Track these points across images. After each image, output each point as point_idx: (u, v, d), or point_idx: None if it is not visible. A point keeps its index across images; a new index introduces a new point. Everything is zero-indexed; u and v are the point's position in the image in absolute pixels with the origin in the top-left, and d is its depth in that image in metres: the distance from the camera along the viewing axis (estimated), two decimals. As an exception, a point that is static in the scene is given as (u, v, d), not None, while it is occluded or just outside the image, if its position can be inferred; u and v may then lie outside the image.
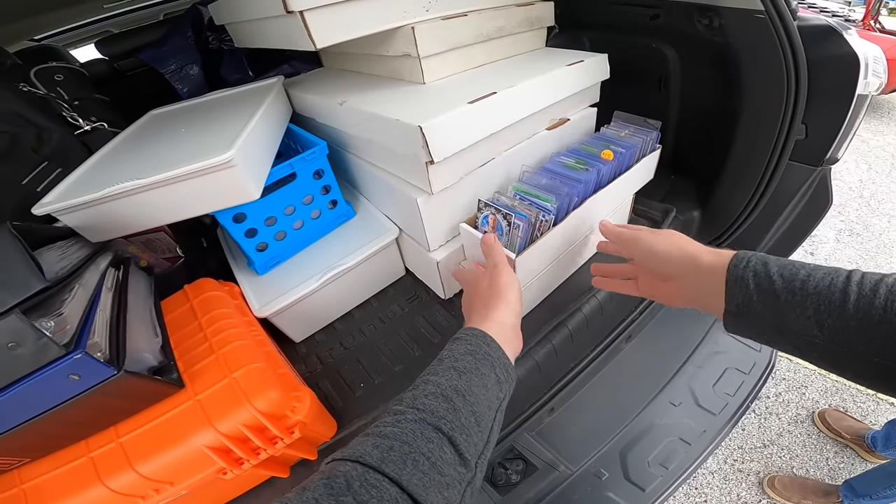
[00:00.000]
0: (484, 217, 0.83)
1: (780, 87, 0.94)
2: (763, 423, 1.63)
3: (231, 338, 0.71)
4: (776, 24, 0.88)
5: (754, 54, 0.96)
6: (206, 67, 1.38)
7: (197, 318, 0.76)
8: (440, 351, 0.49)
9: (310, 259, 0.97)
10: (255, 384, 0.63)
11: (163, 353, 0.67)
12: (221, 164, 0.71)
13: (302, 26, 0.74)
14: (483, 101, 0.76)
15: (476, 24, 0.92)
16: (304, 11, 0.73)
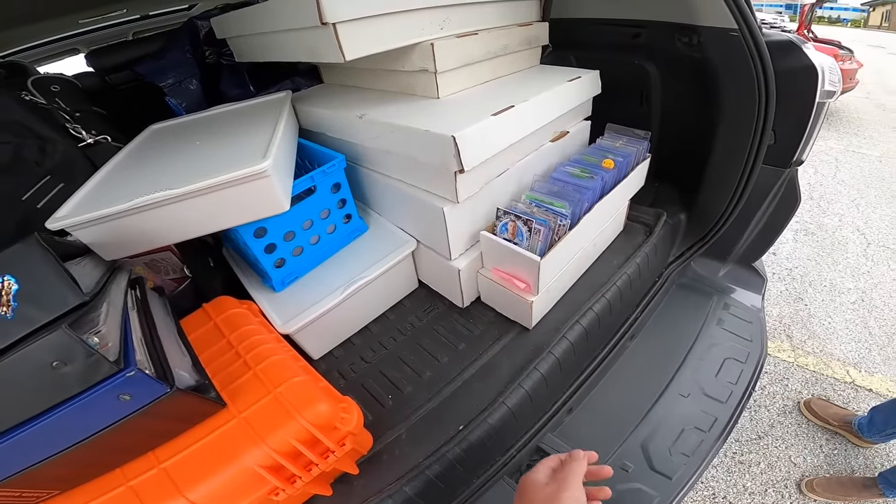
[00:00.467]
0: (503, 224, 0.87)
1: (753, 98, 1.03)
2: (754, 415, 1.70)
3: (266, 353, 0.69)
4: (748, 40, 0.97)
5: (729, 68, 1.05)
6: (205, 82, 1.38)
7: (224, 336, 0.74)
8: (466, 359, 0.51)
9: (326, 275, 0.98)
10: (302, 397, 0.61)
11: (196, 371, 0.64)
12: (258, 174, 0.72)
13: (333, 38, 0.77)
14: (504, 113, 0.81)
15: (485, 42, 0.98)
16: (336, 24, 0.76)
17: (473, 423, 0.81)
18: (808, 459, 1.55)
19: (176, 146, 0.98)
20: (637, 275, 1.12)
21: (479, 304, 1.05)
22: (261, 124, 0.95)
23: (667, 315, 1.28)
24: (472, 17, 0.97)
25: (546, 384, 0.94)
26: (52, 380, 0.44)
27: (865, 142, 4.43)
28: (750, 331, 1.25)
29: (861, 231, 2.80)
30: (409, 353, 0.97)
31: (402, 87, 1.01)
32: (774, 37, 1.04)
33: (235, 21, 1.14)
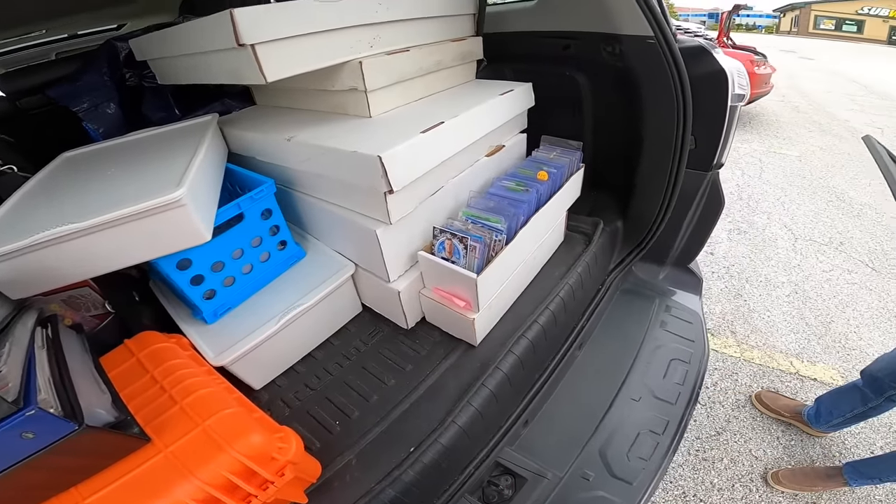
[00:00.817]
0: (440, 243, 0.86)
1: (672, 103, 1.08)
2: (710, 412, 1.75)
3: (193, 387, 0.66)
4: (663, 47, 1.02)
5: (649, 75, 1.10)
6: (125, 105, 1.30)
7: (148, 372, 0.70)
8: (414, 380, 0.48)
9: (262, 303, 0.94)
10: (233, 429, 0.59)
11: (116, 407, 0.62)
12: (171, 203, 0.67)
13: (253, 60, 0.74)
14: (434, 130, 0.81)
15: (417, 58, 0.98)
16: (255, 45, 0.73)
17: (424, 444, 0.80)
18: (769, 452, 1.60)
19: (88, 175, 0.91)
20: (580, 284, 1.14)
21: (424, 325, 1.03)
22: (180, 150, 0.89)
23: (613, 321, 1.31)
24: (404, 34, 0.96)
25: (496, 400, 0.93)
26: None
27: (785, 143, 4.81)
28: (691, 331, 1.29)
29: (788, 227, 3.00)
30: (355, 377, 0.94)
31: (334, 106, 0.99)
32: (687, 43, 1.10)
33: (155, 43, 1.08)
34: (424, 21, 1.00)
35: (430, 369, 0.93)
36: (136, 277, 1.07)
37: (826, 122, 5.67)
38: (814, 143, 4.81)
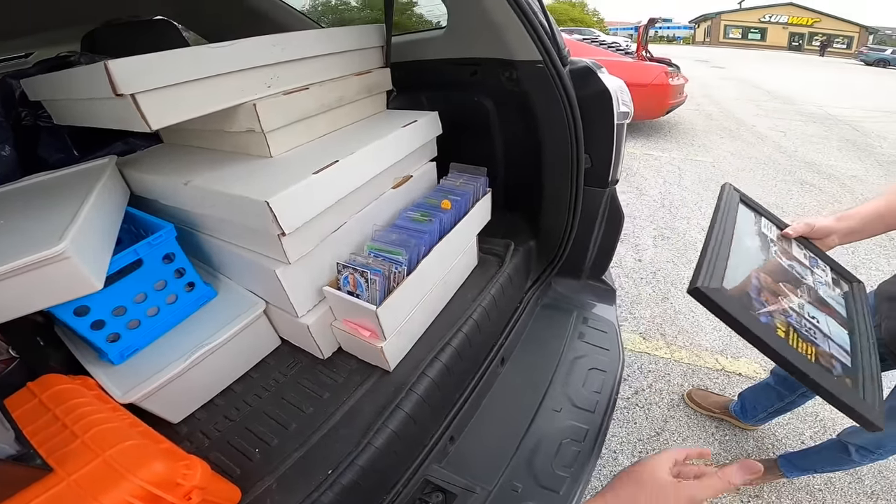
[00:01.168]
0: (344, 278, 0.89)
1: (563, 124, 1.17)
2: (648, 413, 1.84)
3: (96, 422, 0.67)
4: (551, 70, 1.11)
5: (541, 98, 1.18)
6: (20, 147, 1.24)
7: (50, 410, 0.71)
8: (331, 407, 0.51)
9: (172, 343, 0.93)
10: (134, 459, 0.61)
11: (18, 443, 0.62)
12: (54, 257, 0.66)
13: (134, 109, 0.74)
14: (327, 170, 0.84)
15: (317, 95, 1.01)
16: (135, 94, 0.73)
17: (342, 465, 0.82)
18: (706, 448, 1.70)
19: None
20: (493, 305, 1.20)
21: (341, 354, 1.05)
22: (71, 197, 0.87)
23: (534, 336, 1.37)
24: (303, 72, 0.99)
25: (414, 421, 0.96)
26: None
27: (700, 150, 5.21)
28: (607, 340, 1.36)
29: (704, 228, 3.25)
30: (274, 407, 0.96)
31: (236, 146, 1.00)
32: (577, 65, 1.19)
33: (44, 85, 1.05)
34: (325, 58, 1.03)
35: (346, 396, 0.95)
36: (40, 322, 1.03)
37: (735, 128, 6.21)
38: (725, 148, 5.25)
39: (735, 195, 0.77)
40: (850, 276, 0.76)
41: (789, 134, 5.97)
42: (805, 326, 0.58)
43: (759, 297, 0.58)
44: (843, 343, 0.60)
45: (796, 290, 0.64)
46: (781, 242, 0.74)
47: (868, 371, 0.57)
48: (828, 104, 8.18)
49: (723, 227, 0.66)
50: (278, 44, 0.92)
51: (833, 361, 0.56)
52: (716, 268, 0.57)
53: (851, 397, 0.52)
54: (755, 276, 0.61)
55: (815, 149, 5.33)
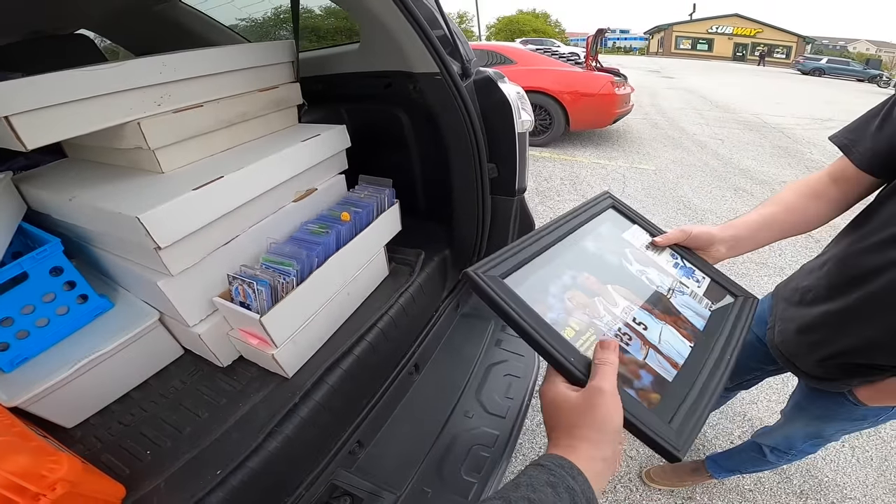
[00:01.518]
0: (235, 288, 0.92)
1: (464, 133, 1.22)
2: None
3: None
4: (448, 81, 1.16)
5: (443, 108, 1.23)
6: None
7: None
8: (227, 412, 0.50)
9: (65, 351, 0.94)
10: (0, 453, 0.65)
11: None
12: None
13: (8, 129, 0.76)
14: (208, 186, 0.87)
15: (213, 112, 1.03)
16: (9, 116, 0.75)
17: (231, 466, 0.85)
18: (641, 451, 1.73)
19: None
20: (403, 313, 1.24)
21: (243, 362, 1.08)
22: (-49, 214, 0.88)
23: (452, 344, 1.41)
24: (198, 90, 1.01)
25: (314, 425, 1.00)
26: None
27: (644, 158, 5.45)
28: (524, 347, 1.37)
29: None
30: (170, 413, 0.98)
31: (130, 162, 1.01)
32: (480, 75, 1.26)
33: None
34: (223, 75, 1.06)
35: (243, 401, 0.98)
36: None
37: (678, 136, 6.52)
38: (668, 157, 5.50)
39: (605, 202, 0.75)
40: (739, 292, 0.70)
41: (727, 142, 6.32)
42: (621, 332, 0.55)
43: (562, 296, 0.55)
44: (676, 356, 0.56)
45: (635, 296, 0.61)
46: (647, 251, 0.71)
47: (696, 391, 0.51)
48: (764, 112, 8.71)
49: (551, 230, 0.64)
50: (169, 63, 0.95)
51: (641, 372, 0.51)
52: (504, 262, 0.54)
53: (643, 415, 0.46)
54: (573, 278, 0.59)
55: (750, 156, 5.68)
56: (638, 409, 0.47)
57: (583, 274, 0.60)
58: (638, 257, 0.68)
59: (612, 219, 0.74)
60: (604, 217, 0.73)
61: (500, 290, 0.50)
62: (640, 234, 0.74)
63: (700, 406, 0.50)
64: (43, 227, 1.01)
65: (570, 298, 0.56)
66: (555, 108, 5.47)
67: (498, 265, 0.54)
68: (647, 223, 0.76)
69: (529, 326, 0.49)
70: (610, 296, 0.59)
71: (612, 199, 0.77)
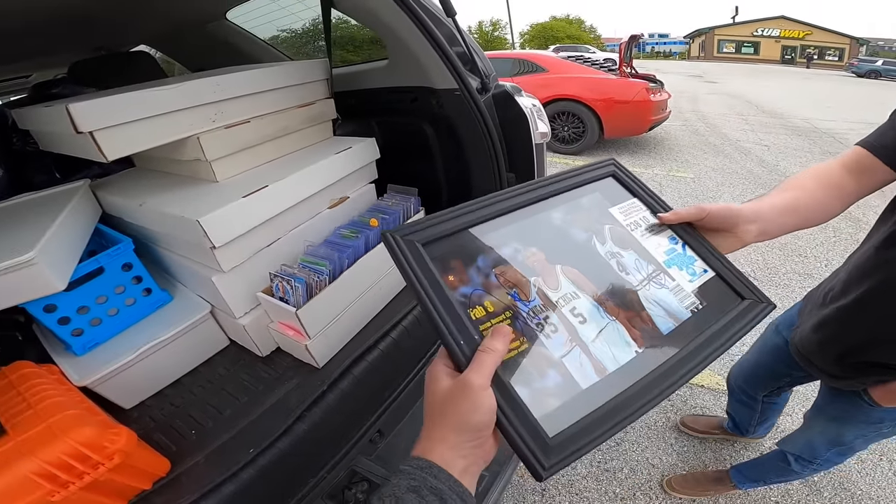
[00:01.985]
0: (276, 285, 1.04)
1: (483, 144, 1.30)
2: None
3: (47, 397, 0.82)
4: (467, 97, 1.24)
5: (463, 122, 1.32)
6: (11, 170, 1.41)
7: (15, 388, 0.86)
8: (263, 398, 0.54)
9: (128, 338, 1.08)
10: (71, 424, 0.76)
11: None
12: (24, 263, 0.83)
13: (92, 143, 0.91)
14: (256, 194, 1.00)
15: (258, 128, 1.17)
16: (93, 132, 0.90)
17: (263, 446, 0.94)
18: (664, 459, 1.70)
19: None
20: (425, 312, 1.32)
21: (280, 353, 1.19)
22: (45, 214, 1.03)
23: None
24: (245, 107, 1.14)
25: (339, 412, 1.09)
26: None
27: (682, 165, 5.31)
28: None
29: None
30: (214, 397, 1.09)
31: (189, 172, 1.16)
32: (499, 90, 1.33)
33: (30, 116, 1.22)
34: (267, 93, 1.19)
35: (278, 388, 1.09)
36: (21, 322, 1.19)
37: (720, 143, 6.32)
38: (708, 164, 5.32)
39: (606, 169, 0.66)
40: (749, 294, 0.58)
41: (773, 148, 6.06)
42: (546, 321, 0.48)
43: (489, 270, 0.50)
44: (609, 360, 0.48)
45: (588, 282, 0.53)
46: (635, 230, 0.61)
47: (605, 409, 0.44)
48: (814, 117, 8.30)
49: (520, 192, 0.58)
50: (221, 83, 1.08)
51: (550, 371, 0.45)
52: (437, 226, 0.50)
53: (518, 420, 0.41)
54: (515, 251, 0.53)
55: (798, 162, 5.43)
56: (517, 411, 0.42)
57: (529, 249, 0.53)
58: (617, 237, 0.59)
59: (606, 189, 0.64)
60: (597, 186, 0.64)
61: (411, 254, 0.46)
62: (637, 210, 0.64)
63: (599, 429, 0.43)
64: (115, 229, 1.17)
65: (500, 274, 0.50)
66: (588, 116, 5.44)
67: (427, 229, 0.49)
68: (652, 198, 0.65)
69: (426, 297, 0.44)
70: (553, 278, 0.52)
71: (615, 167, 0.67)
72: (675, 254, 0.60)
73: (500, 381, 0.42)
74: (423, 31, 1.16)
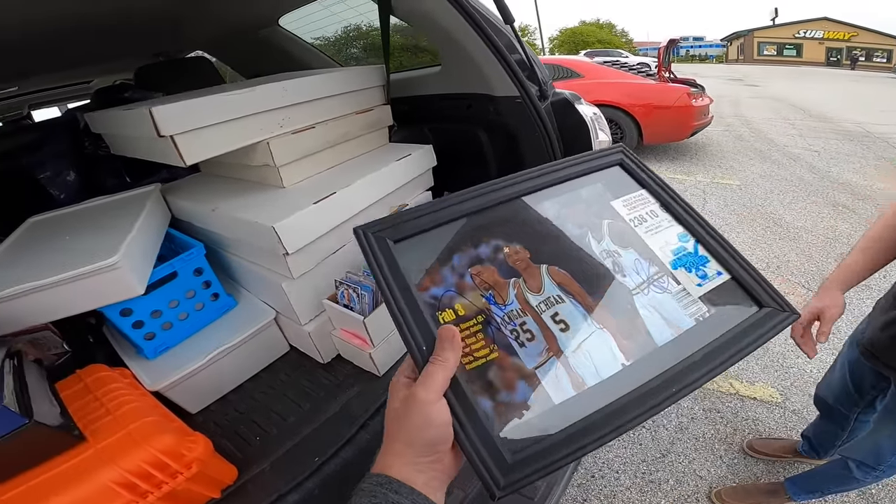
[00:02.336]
0: (341, 292, 1.04)
1: (543, 152, 1.27)
2: (654, 435, 1.80)
3: (125, 402, 0.83)
4: (528, 105, 1.23)
5: (522, 130, 1.30)
6: (83, 173, 1.46)
7: (91, 392, 0.88)
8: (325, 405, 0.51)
9: (196, 343, 1.10)
10: (150, 432, 0.76)
11: (62, 416, 0.78)
12: (109, 267, 0.85)
13: (172, 147, 0.93)
14: (325, 200, 1.00)
15: (321, 133, 1.17)
16: (174, 136, 0.92)
17: (328, 455, 0.93)
18: (712, 471, 1.64)
19: (49, 239, 1.09)
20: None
21: (340, 360, 1.19)
22: (123, 218, 1.07)
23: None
24: (309, 113, 1.15)
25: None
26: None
27: (727, 172, 5.11)
28: None
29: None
30: (276, 403, 1.10)
31: (257, 177, 1.17)
32: (557, 97, 1.31)
33: (103, 120, 1.26)
34: (328, 99, 1.19)
35: (339, 396, 1.09)
36: (92, 324, 1.23)
37: (765, 148, 6.06)
38: (754, 170, 5.09)
39: (613, 157, 0.61)
40: (768, 301, 0.50)
41: (823, 153, 5.77)
42: (522, 328, 0.44)
43: (465, 270, 0.46)
44: (590, 374, 0.43)
45: (576, 285, 0.48)
46: (640, 226, 0.55)
47: (577, 428, 0.40)
48: (867, 121, 7.87)
49: (513, 181, 0.55)
50: (288, 88, 1.09)
51: (519, 383, 0.42)
52: (413, 222, 0.47)
53: (477, 435, 0.38)
54: (495, 249, 0.48)
55: (851, 168, 5.14)
56: (477, 426, 0.38)
57: (513, 246, 0.49)
58: (617, 233, 0.53)
59: (610, 179, 0.59)
60: (601, 175, 0.58)
61: (381, 252, 0.44)
62: (644, 203, 0.57)
63: (567, 448, 0.38)
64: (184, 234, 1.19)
65: (476, 274, 0.46)
66: (626, 122, 5.32)
67: (401, 224, 0.46)
68: (664, 190, 0.58)
69: (391, 299, 0.42)
70: (536, 279, 0.47)
71: (624, 155, 0.61)
72: (684, 253, 0.53)
73: (462, 392, 0.39)
74: (485, 39, 1.15)
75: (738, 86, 14.71)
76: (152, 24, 1.53)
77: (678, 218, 0.56)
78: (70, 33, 1.28)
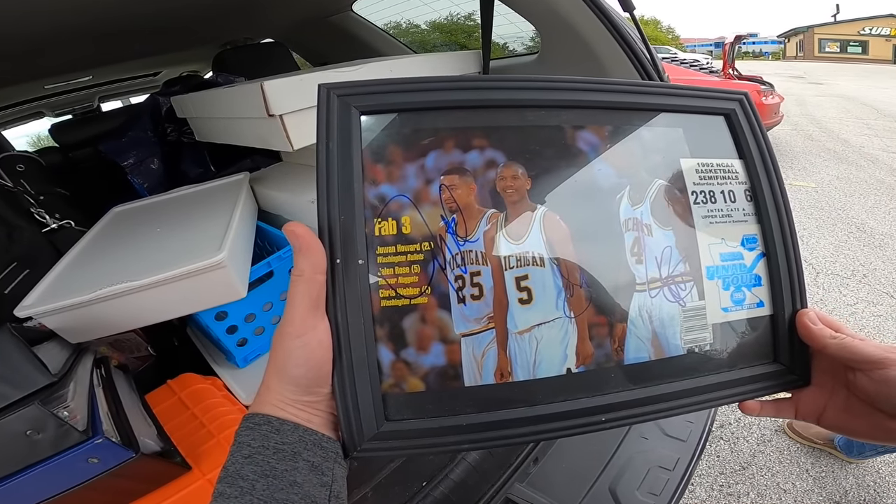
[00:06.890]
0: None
1: None
2: (734, 447, 1.73)
3: (229, 423, 0.74)
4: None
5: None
6: (166, 161, 1.39)
7: (189, 409, 0.79)
8: None
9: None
10: None
11: (161, 439, 0.70)
12: (214, 266, 0.74)
13: (281, 128, 0.83)
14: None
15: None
16: (283, 115, 0.82)
17: (436, 478, 0.86)
18: (797, 484, 1.57)
19: (137, 232, 1.00)
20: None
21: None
22: (218, 210, 0.97)
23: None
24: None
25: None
26: (27, 445, 0.54)
27: (800, 174, 4.79)
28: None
29: (808, 262, 2.94)
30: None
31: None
32: None
33: (193, 103, 1.18)
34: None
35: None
36: (175, 325, 1.15)
37: (841, 149, 5.65)
38: (830, 172, 4.77)
39: (725, 104, 0.43)
40: (787, 360, 0.39)
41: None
42: (467, 274, 0.34)
43: (437, 178, 0.35)
44: (524, 368, 0.35)
45: (576, 255, 0.37)
46: (703, 208, 0.40)
47: (469, 420, 0.33)
48: (953, 123, 7.24)
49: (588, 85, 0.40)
50: (394, 69, 0.99)
51: (436, 346, 0.34)
52: (384, 97, 0.35)
53: (352, 387, 0.31)
54: (490, 166, 0.36)
55: (937, 172, 4.72)
56: (361, 374, 0.31)
57: (513, 168, 0.36)
58: (661, 204, 0.39)
59: (700, 129, 0.42)
60: (690, 120, 0.41)
61: (337, 120, 0.33)
62: (729, 178, 0.41)
63: (450, 437, 0.32)
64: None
65: (449, 186, 0.35)
66: (692, 120, 5.07)
67: (380, 94, 0.34)
68: (767, 172, 0.42)
69: (325, 188, 0.33)
70: (523, 223, 0.35)
71: (742, 104, 0.43)
72: (734, 263, 0.39)
73: (360, 332, 0.31)
74: (612, 31, 1.05)
75: (801, 83, 13.96)
76: (224, 13, 1.46)
77: (761, 216, 0.41)
78: (146, 22, 1.19)
